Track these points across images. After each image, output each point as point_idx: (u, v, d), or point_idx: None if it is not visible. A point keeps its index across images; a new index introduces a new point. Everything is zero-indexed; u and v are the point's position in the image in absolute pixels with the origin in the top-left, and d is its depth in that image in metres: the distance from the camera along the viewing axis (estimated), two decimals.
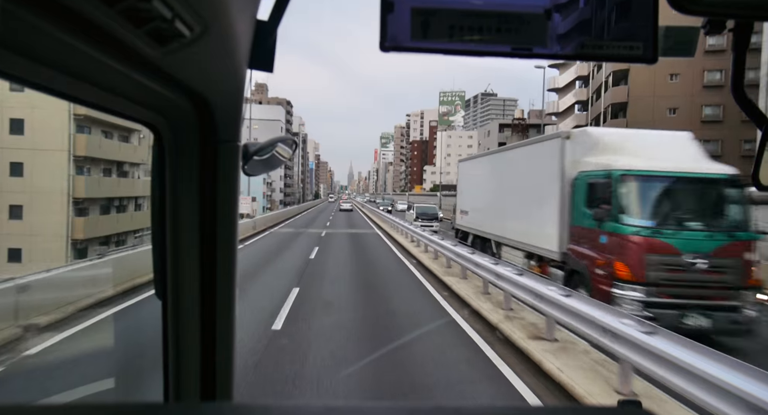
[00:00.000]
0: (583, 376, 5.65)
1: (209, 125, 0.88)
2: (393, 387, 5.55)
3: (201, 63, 0.73)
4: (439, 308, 9.88)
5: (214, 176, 0.91)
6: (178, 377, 0.97)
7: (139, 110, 0.80)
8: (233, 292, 0.97)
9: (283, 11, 0.81)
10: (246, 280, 12.13)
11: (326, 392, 5.32)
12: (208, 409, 0.84)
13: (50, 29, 0.50)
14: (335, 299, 10.78)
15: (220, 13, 0.64)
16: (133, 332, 5.69)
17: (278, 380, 5.68)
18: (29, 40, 0.51)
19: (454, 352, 6.99)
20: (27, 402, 0.94)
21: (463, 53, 0.71)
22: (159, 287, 0.96)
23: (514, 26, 0.69)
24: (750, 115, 0.85)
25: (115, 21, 0.53)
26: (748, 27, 0.77)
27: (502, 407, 0.67)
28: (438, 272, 13.61)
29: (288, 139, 1.16)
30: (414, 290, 11.93)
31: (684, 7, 0.71)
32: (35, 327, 6.84)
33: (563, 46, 0.70)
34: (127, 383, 2.51)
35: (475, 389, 5.68)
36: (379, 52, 0.70)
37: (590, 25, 0.70)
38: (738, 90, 0.83)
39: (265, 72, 0.86)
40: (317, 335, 7.66)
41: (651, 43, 0.70)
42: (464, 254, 12.05)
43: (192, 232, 0.92)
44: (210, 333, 0.95)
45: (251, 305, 9.36)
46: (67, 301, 8.04)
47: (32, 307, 7.38)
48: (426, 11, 0.68)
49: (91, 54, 0.57)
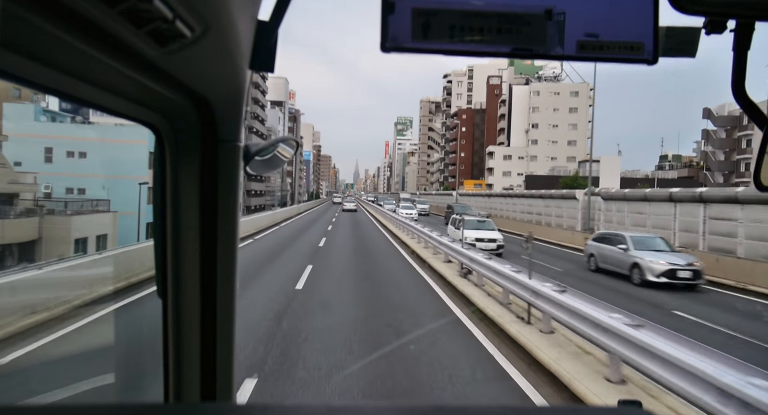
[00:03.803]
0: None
1: (210, 125, 0.88)
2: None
3: (202, 63, 0.73)
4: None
5: (215, 176, 0.91)
6: (178, 376, 0.97)
7: (140, 111, 0.80)
8: (233, 292, 0.97)
9: (284, 11, 0.81)
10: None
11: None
12: (208, 409, 0.85)
13: (51, 29, 0.50)
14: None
15: (221, 13, 0.64)
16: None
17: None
18: (30, 40, 0.51)
19: None
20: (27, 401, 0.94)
21: (463, 54, 0.71)
22: (160, 286, 0.96)
23: (515, 26, 0.69)
24: (751, 115, 0.85)
25: (116, 21, 0.53)
26: (749, 27, 0.77)
27: (503, 407, 0.67)
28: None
29: (289, 139, 1.16)
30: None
31: (684, 7, 0.71)
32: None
33: (563, 47, 0.70)
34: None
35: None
36: (381, 52, 0.68)
37: (591, 26, 0.70)
38: (739, 90, 0.83)
39: (265, 72, 0.86)
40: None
41: (652, 43, 0.70)
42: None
43: (192, 231, 0.92)
44: (210, 333, 0.96)
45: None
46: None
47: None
48: (427, 12, 0.68)
49: (92, 54, 0.57)
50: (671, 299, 12.04)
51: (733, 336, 8.84)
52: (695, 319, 10.07)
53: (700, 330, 9.02)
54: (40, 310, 7.38)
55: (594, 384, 5.58)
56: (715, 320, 9.85)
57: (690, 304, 11.67)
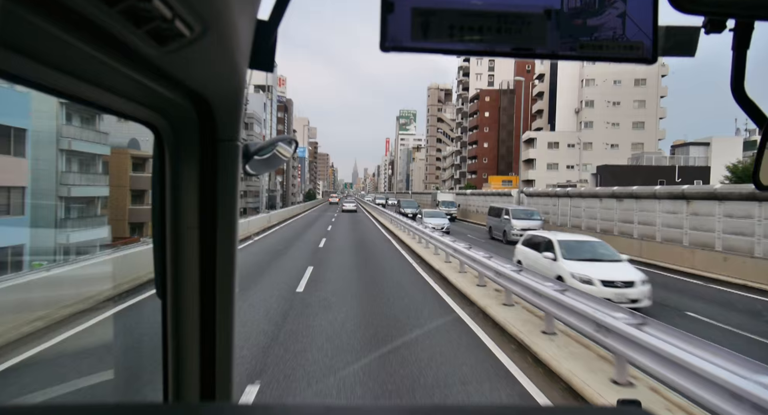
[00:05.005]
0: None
1: (209, 125, 0.88)
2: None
3: (201, 63, 0.73)
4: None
5: (215, 176, 0.91)
6: (178, 377, 0.97)
7: (139, 110, 0.80)
8: (233, 292, 0.97)
9: (283, 11, 0.81)
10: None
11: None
12: (208, 409, 0.85)
13: (50, 29, 0.50)
14: None
15: (221, 13, 0.64)
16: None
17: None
18: (29, 40, 0.51)
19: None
20: (27, 401, 0.94)
21: (463, 53, 0.71)
22: (159, 287, 0.96)
23: (515, 26, 0.69)
24: (750, 115, 0.85)
25: (116, 21, 0.53)
26: (749, 27, 0.77)
27: (503, 407, 0.67)
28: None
29: (288, 138, 1.16)
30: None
31: (684, 6, 0.71)
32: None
33: (563, 46, 0.71)
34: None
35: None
36: (380, 52, 0.68)
37: (590, 25, 0.70)
38: (738, 90, 0.83)
39: (265, 72, 0.87)
40: None
41: (651, 43, 0.70)
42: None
43: (192, 231, 0.92)
44: (210, 333, 0.96)
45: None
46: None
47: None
48: (426, 11, 0.68)
49: (91, 54, 0.57)
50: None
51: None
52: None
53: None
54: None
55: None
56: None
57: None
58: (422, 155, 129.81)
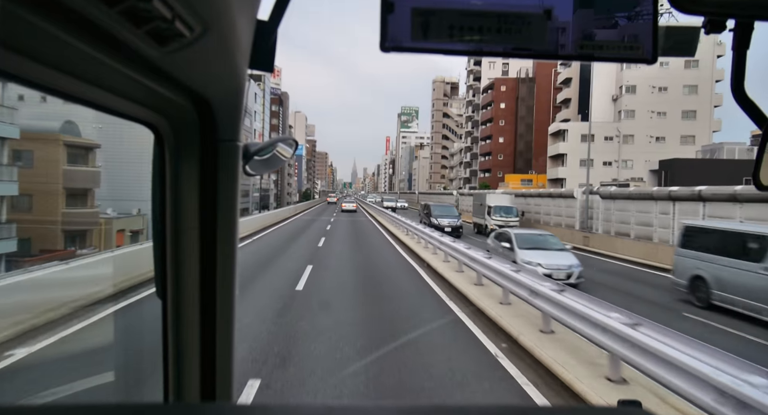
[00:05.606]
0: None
1: (209, 125, 0.88)
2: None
3: (201, 63, 0.73)
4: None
5: (215, 176, 0.91)
6: (178, 376, 0.97)
7: (139, 110, 0.80)
8: (233, 292, 0.97)
9: (283, 11, 0.81)
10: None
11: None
12: (208, 409, 0.85)
13: (50, 29, 0.50)
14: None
15: (221, 13, 0.64)
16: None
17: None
18: (29, 40, 0.51)
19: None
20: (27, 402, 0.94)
21: (463, 53, 0.71)
22: (159, 286, 0.96)
23: (514, 26, 0.69)
24: (750, 115, 0.85)
25: (116, 21, 0.53)
26: (749, 27, 0.77)
27: (503, 407, 0.66)
28: None
29: (288, 139, 1.16)
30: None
31: (684, 7, 0.71)
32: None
33: (563, 46, 0.71)
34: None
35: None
36: (380, 51, 0.69)
37: (590, 25, 0.70)
38: (738, 90, 0.83)
39: (264, 72, 0.87)
40: None
41: (651, 43, 0.70)
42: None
43: (192, 231, 0.92)
44: (210, 333, 0.96)
45: None
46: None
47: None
48: (426, 11, 0.68)
49: (91, 54, 0.57)
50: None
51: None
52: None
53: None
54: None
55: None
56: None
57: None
58: (426, 153, 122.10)
